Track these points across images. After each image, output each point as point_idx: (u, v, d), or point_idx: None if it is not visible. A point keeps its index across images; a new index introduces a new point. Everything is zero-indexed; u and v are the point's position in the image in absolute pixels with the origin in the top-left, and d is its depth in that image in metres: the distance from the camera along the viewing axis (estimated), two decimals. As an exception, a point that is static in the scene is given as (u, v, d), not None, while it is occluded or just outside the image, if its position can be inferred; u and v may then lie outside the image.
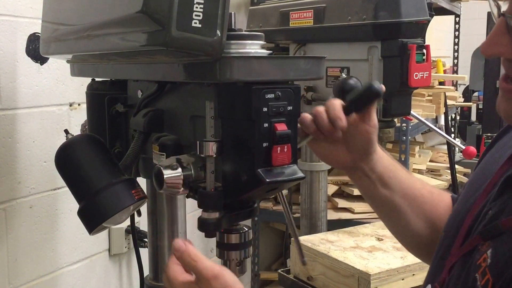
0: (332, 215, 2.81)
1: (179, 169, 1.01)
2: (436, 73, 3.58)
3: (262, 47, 1.02)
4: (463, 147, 1.93)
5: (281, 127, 0.94)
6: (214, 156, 0.97)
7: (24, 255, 1.81)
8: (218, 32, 0.86)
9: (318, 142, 1.11)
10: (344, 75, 1.76)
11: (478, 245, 0.84)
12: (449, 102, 3.59)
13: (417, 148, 3.34)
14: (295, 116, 0.98)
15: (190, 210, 1.45)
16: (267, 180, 0.94)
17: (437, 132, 1.96)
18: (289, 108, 0.96)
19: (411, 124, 2.79)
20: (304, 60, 0.99)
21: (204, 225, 1.00)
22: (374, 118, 1.07)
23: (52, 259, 1.93)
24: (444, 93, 3.41)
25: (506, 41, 0.79)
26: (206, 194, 0.98)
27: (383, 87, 1.04)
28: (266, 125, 0.94)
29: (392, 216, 1.19)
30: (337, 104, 1.05)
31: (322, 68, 1.00)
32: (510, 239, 0.79)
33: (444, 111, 3.45)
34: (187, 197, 1.07)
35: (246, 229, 1.09)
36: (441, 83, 3.59)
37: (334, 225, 2.47)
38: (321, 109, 1.07)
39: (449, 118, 4.31)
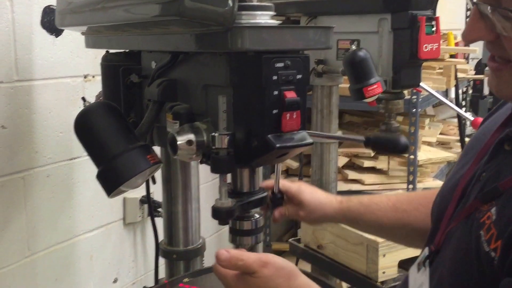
0: (343, 187, 2.85)
1: (192, 135, 1.05)
2: (447, 46, 3.57)
3: (272, 17, 1.05)
4: (472, 119, 1.95)
5: (290, 95, 0.98)
6: (226, 148, 1.00)
7: (42, 222, 1.87)
8: (230, 2, 0.89)
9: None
10: (354, 47, 1.77)
11: (477, 208, 0.88)
12: (460, 75, 3.59)
13: (427, 121, 3.35)
14: (304, 84, 1.01)
15: (202, 182, 1.49)
16: (277, 145, 0.97)
17: (446, 104, 1.98)
18: (298, 76, 1.00)
19: (421, 96, 2.80)
20: (313, 30, 1.02)
21: (217, 214, 1.04)
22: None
23: (69, 227, 1.99)
24: (455, 66, 3.41)
25: (482, 26, 0.85)
26: (218, 158, 1.02)
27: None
28: (276, 92, 0.97)
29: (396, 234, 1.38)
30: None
31: (331, 37, 1.03)
32: None
33: (454, 84, 3.45)
34: (201, 163, 1.11)
35: (258, 216, 1.14)
36: (452, 56, 3.58)
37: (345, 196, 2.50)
38: None
39: (461, 91, 4.30)
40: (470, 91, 5.62)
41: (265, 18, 1.03)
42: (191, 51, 1.12)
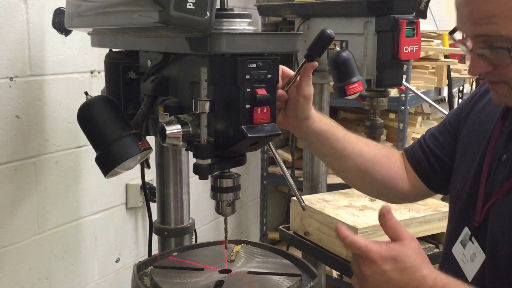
0: (334, 179, 2.97)
1: (179, 126, 1.21)
2: (442, 46, 3.70)
3: (250, 24, 1.21)
4: (449, 114, 2.08)
5: (261, 92, 1.14)
6: (207, 112, 1.17)
7: (51, 204, 2.03)
8: (208, 13, 1.06)
9: None
10: (338, 49, 1.92)
11: None
12: (453, 74, 3.72)
13: (419, 119, 3.49)
14: (274, 83, 1.18)
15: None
16: (249, 135, 1.14)
17: (425, 100, 2.11)
18: (269, 76, 1.16)
19: (410, 94, 2.94)
20: (281, 36, 1.19)
21: (198, 169, 1.20)
22: (306, 89, 1.30)
23: (75, 209, 2.15)
24: (448, 66, 3.54)
25: (481, 63, 1.08)
26: (200, 146, 1.18)
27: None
28: (248, 90, 1.14)
29: (335, 165, 1.51)
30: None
31: (297, 42, 1.19)
32: None
33: (447, 83, 3.58)
34: (186, 150, 1.27)
35: (236, 175, 1.30)
36: (446, 56, 3.70)
37: (336, 188, 2.60)
38: None
39: (457, 90, 4.43)
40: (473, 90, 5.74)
41: (243, 25, 1.19)
42: (179, 52, 1.28)
